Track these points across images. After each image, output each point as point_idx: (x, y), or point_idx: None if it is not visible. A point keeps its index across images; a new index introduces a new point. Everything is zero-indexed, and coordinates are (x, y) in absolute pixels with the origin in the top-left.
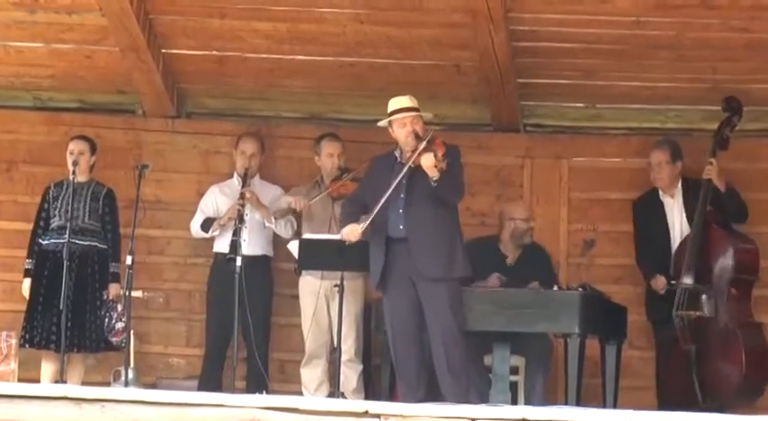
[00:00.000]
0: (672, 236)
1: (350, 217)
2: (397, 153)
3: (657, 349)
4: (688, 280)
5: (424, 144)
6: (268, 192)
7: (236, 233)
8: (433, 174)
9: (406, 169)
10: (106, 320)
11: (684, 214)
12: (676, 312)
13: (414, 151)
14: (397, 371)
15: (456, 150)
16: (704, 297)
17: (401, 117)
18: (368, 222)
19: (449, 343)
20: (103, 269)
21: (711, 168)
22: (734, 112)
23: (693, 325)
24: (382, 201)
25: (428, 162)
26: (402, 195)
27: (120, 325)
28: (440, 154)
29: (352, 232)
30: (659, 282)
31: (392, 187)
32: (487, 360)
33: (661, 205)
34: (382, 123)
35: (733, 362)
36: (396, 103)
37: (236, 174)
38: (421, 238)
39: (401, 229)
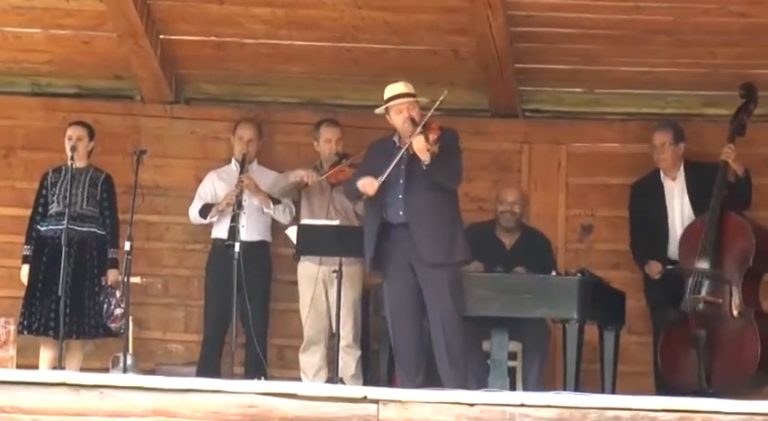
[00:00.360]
0: (671, 219)
1: (353, 189)
2: (395, 138)
3: (655, 334)
4: (704, 264)
5: (419, 129)
6: (266, 177)
7: (235, 219)
8: (424, 157)
9: (402, 152)
10: (105, 306)
11: (687, 197)
12: (690, 295)
13: (411, 136)
14: (395, 356)
15: (454, 135)
16: (719, 282)
17: (397, 103)
18: (384, 177)
19: (449, 328)
20: (102, 255)
21: (730, 152)
22: (750, 98)
23: (706, 310)
24: (391, 166)
25: (419, 145)
26: (401, 181)
27: (118, 311)
28: (432, 137)
29: (370, 184)
30: (654, 268)
31: (392, 165)
32: (485, 345)
33: (661, 187)
34: (379, 111)
35: (747, 350)
36: (391, 89)
37: (233, 160)
38: (421, 224)
39: (401, 215)
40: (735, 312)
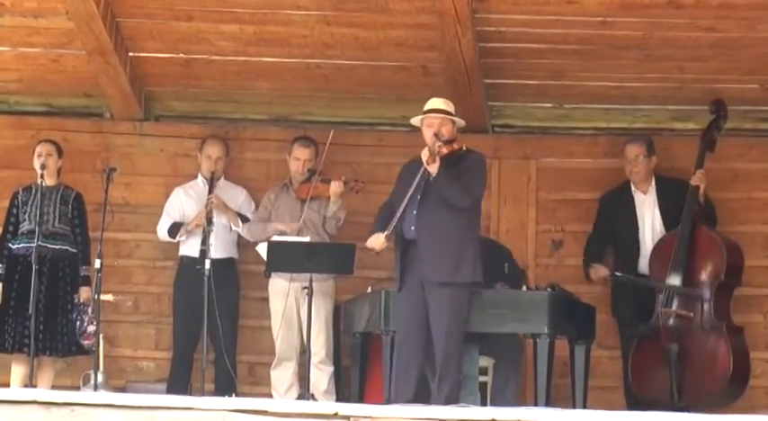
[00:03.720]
0: (641, 232)
1: (379, 222)
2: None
3: (624, 349)
4: (675, 279)
5: (438, 143)
6: (233, 193)
7: (205, 237)
8: (430, 169)
9: (422, 170)
10: (77, 323)
11: (658, 211)
12: (662, 309)
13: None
14: (395, 370)
15: (478, 158)
16: (690, 297)
17: (431, 117)
18: (391, 230)
19: (447, 348)
20: (74, 272)
21: (702, 178)
22: (720, 114)
23: (677, 324)
24: (402, 205)
25: (424, 156)
26: (418, 196)
27: (91, 328)
28: (440, 151)
29: (377, 240)
30: (599, 271)
31: (411, 190)
32: None
33: (632, 200)
34: (415, 121)
35: (720, 364)
36: (430, 103)
37: (200, 176)
38: (429, 241)
39: (412, 231)
40: (705, 326)
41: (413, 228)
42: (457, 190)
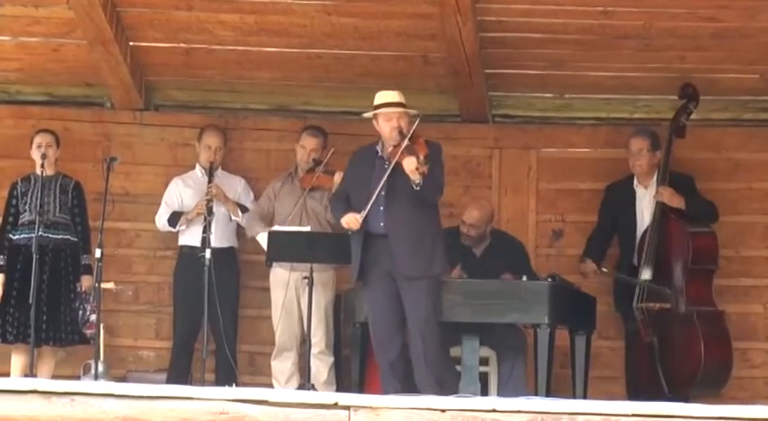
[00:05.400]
0: (638, 226)
1: (338, 212)
2: (378, 147)
3: (626, 340)
4: (647, 272)
5: (406, 141)
6: (231, 182)
7: (206, 227)
8: (415, 178)
9: (391, 167)
10: (80, 312)
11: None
12: (637, 305)
13: (396, 146)
14: (379, 362)
15: (438, 148)
16: (663, 288)
17: (388, 111)
18: (366, 211)
19: (427, 337)
20: (76, 262)
21: (664, 192)
22: (690, 99)
23: (654, 316)
24: (375, 194)
25: (410, 166)
26: (383, 193)
27: (93, 317)
28: (422, 156)
29: (354, 220)
30: (587, 267)
31: (381, 183)
32: (455, 351)
33: (633, 194)
34: (368, 115)
35: (692, 351)
36: (383, 96)
37: (198, 166)
38: (401, 236)
39: (381, 227)
40: (679, 315)
41: (381, 224)
42: (431, 187)
